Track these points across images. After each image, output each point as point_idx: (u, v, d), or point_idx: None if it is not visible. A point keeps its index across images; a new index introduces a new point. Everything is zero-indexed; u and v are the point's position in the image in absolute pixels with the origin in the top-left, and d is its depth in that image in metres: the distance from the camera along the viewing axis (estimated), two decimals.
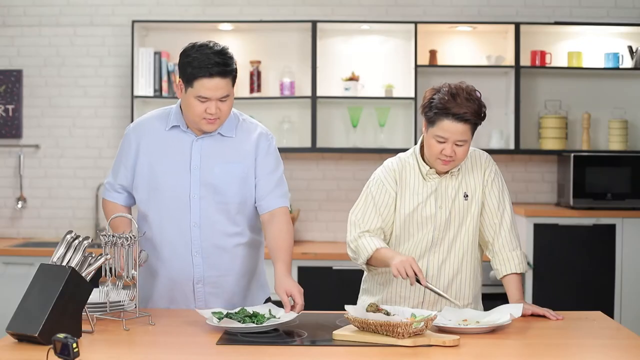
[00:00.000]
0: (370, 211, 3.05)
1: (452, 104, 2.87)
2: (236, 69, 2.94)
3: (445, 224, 3.02)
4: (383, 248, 2.96)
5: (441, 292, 2.85)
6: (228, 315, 2.70)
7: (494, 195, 3.06)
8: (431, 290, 2.86)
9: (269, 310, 2.75)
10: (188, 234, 2.98)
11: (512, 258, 3.04)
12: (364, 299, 3.19)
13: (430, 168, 3.02)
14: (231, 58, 2.92)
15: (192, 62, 2.88)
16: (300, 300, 2.80)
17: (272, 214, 3.04)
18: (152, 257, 3.01)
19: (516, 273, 3.04)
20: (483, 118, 2.93)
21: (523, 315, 2.83)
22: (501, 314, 2.76)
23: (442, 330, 2.64)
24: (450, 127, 2.88)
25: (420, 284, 2.82)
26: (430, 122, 2.93)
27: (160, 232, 3.02)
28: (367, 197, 3.08)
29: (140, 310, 2.84)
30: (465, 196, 3.03)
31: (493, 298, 3.71)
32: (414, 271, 2.81)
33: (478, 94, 2.94)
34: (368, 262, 3.03)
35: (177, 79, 2.95)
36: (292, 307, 2.78)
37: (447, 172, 3.03)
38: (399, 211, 3.05)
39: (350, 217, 3.10)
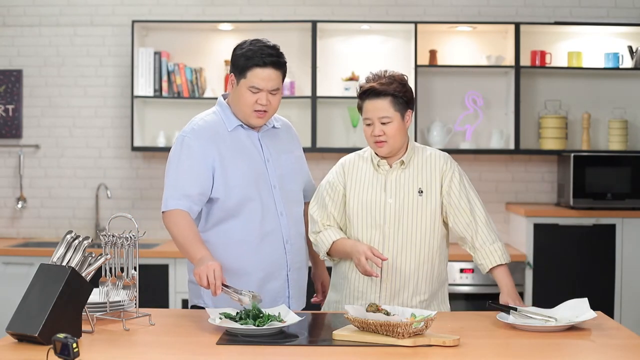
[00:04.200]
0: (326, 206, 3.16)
1: (366, 85, 3.04)
2: (286, 64, 3.03)
3: (397, 217, 3.05)
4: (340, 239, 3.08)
5: None
6: (229, 316, 2.70)
7: (462, 194, 3.09)
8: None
9: (279, 313, 2.73)
10: (278, 224, 3.05)
11: (495, 250, 3.07)
12: (331, 295, 3.21)
13: (382, 159, 3.10)
14: (283, 54, 3.02)
15: (246, 52, 2.96)
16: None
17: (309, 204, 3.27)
18: (246, 257, 3.02)
19: (502, 264, 3.07)
20: (399, 92, 3.01)
21: (504, 304, 2.93)
22: (575, 311, 2.79)
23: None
24: (368, 106, 3.03)
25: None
26: (359, 109, 3.09)
27: (255, 228, 3.02)
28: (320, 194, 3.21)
29: (140, 310, 2.84)
30: (420, 191, 3.07)
31: (493, 298, 3.70)
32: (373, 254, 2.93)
33: (402, 77, 3.05)
34: (329, 254, 3.13)
35: (229, 75, 3.03)
36: (322, 298, 3.26)
37: (386, 158, 3.09)
38: (349, 202, 3.11)
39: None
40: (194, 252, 2.85)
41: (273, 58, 2.95)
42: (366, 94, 3.03)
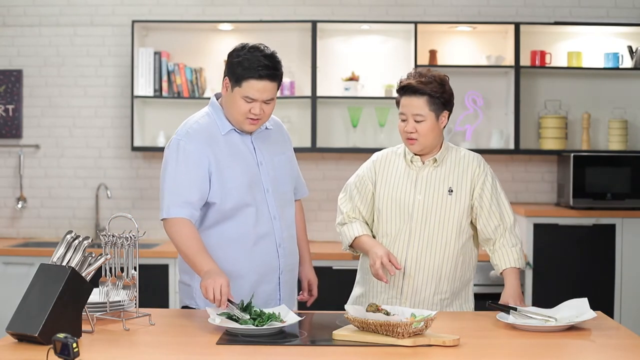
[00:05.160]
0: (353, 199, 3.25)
1: (405, 81, 3.06)
2: (283, 73, 3.00)
3: (424, 214, 3.08)
4: (363, 236, 3.14)
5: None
6: (229, 316, 2.70)
7: (494, 198, 3.12)
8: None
9: (279, 313, 2.73)
10: (271, 228, 3.04)
11: (512, 254, 3.10)
12: (355, 290, 3.26)
13: (415, 155, 3.12)
14: (279, 63, 2.98)
15: (242, 62, 2.91)
16: (316, 294, 3.25)
17: (299, 202, 3.31)
18: (240, 260, 3.00)
19: (515, 267, 3.09)
20: (436, 92, 3.03)
21: (504, 304, 2.94)
22: (575, 311, 2.79)
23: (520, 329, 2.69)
24: (405, 102, 3.06)
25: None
26: (397, 104, 3.12)
27: (249, 231, 3.01)
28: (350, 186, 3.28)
29: (140, 310, 2.84)
30: (450, 191, 3.09)
31: (493, 298, 3.70)
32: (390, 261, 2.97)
33: (443, 78, 3.06)
34: (352, 246, 3.21)
35: (224, 78, 2.99)
36: (307, 296, 3.23)
37: (419, 155, 3.12)
38: (379, 196, 3.14)
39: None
40: (200, 264, 2.83)
41: (269, 71, 2.91)
42: (403, 90, 3.07)
